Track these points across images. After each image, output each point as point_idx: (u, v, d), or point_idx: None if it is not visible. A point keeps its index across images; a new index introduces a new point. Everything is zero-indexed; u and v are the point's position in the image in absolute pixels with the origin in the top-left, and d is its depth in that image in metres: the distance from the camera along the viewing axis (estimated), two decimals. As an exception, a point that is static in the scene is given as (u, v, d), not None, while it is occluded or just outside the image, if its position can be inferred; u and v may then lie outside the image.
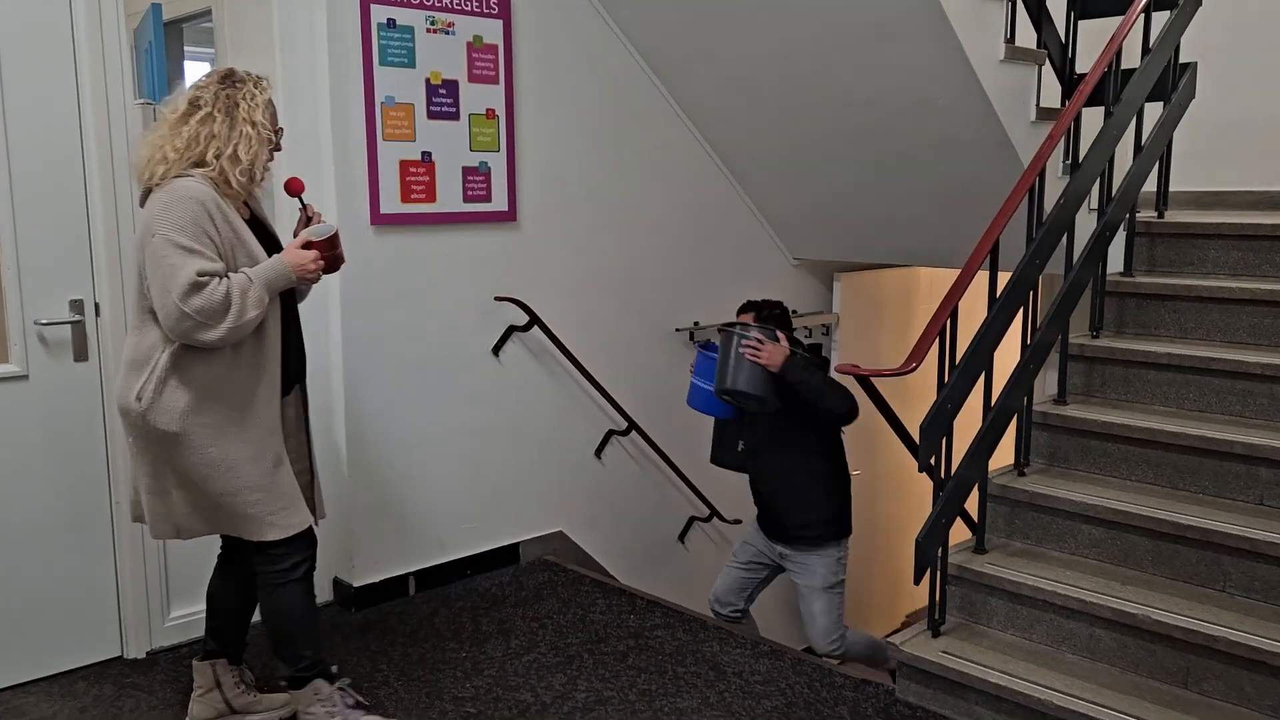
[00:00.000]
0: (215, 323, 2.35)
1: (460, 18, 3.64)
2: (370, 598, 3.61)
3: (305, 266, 2.54)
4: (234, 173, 2.44)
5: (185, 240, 2.34)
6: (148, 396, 2.40)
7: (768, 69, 3.96)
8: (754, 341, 3.39)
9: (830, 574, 3.59)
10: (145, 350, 2.44)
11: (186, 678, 3.06)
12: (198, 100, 2.47)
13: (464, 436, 3.86)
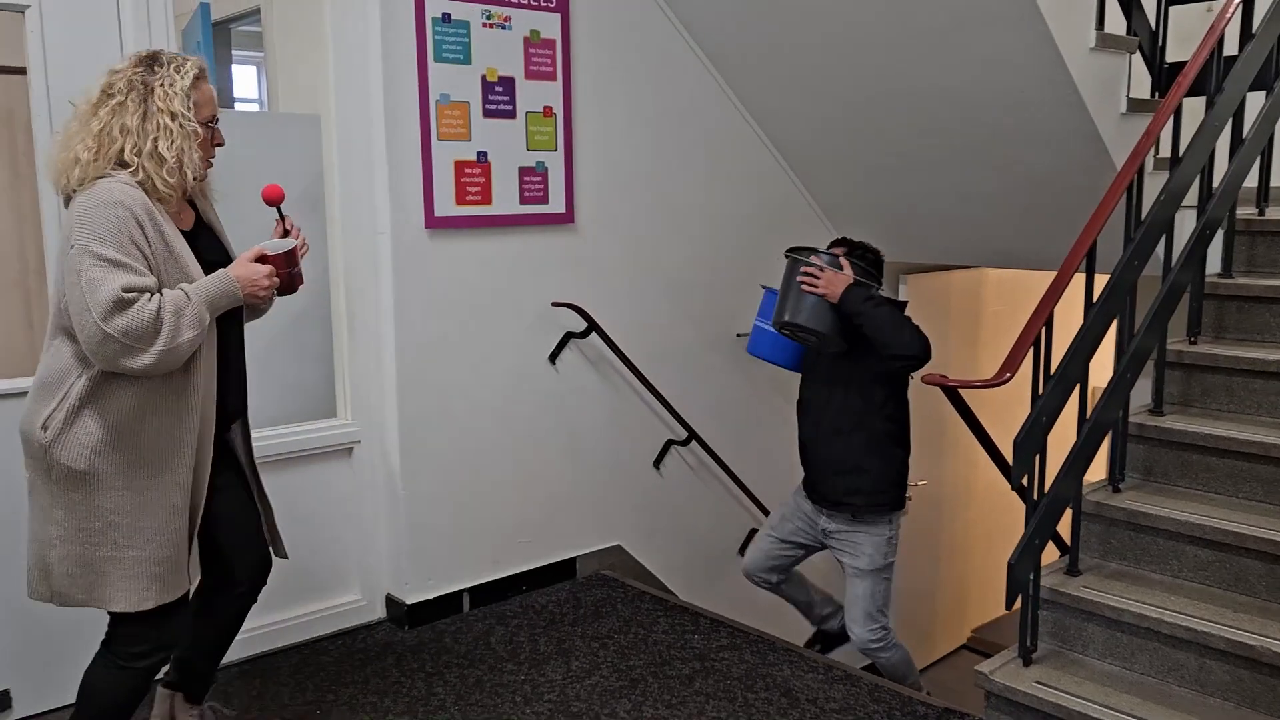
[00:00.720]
0: (143, 346, 2.04)
1: (517, 11, 3.50)
2: (424, 615, 3.48)
3: (256, 283, 2.25)
4: (159, 174, 2.13)
5: (109, 251, 2.03)
6: (55, 427, 2.11)
7: (835, 63, 3.78)
8: (813, 269, 3.08)
9: (880, 555, 3.27)
10: (57, 373, 2.14)
11: (240, 696, 2.99)
12: (110, 87, 2.16)
13: (519, 447, 3.71)
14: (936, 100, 3.65)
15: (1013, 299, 5.50)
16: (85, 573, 2.16)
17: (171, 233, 2.17)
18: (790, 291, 3.15)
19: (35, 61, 2.76)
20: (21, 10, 2.72)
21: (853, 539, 3.28)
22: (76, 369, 2.13)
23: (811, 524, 3.40)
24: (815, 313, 3.11)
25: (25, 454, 2.19)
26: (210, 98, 2.25)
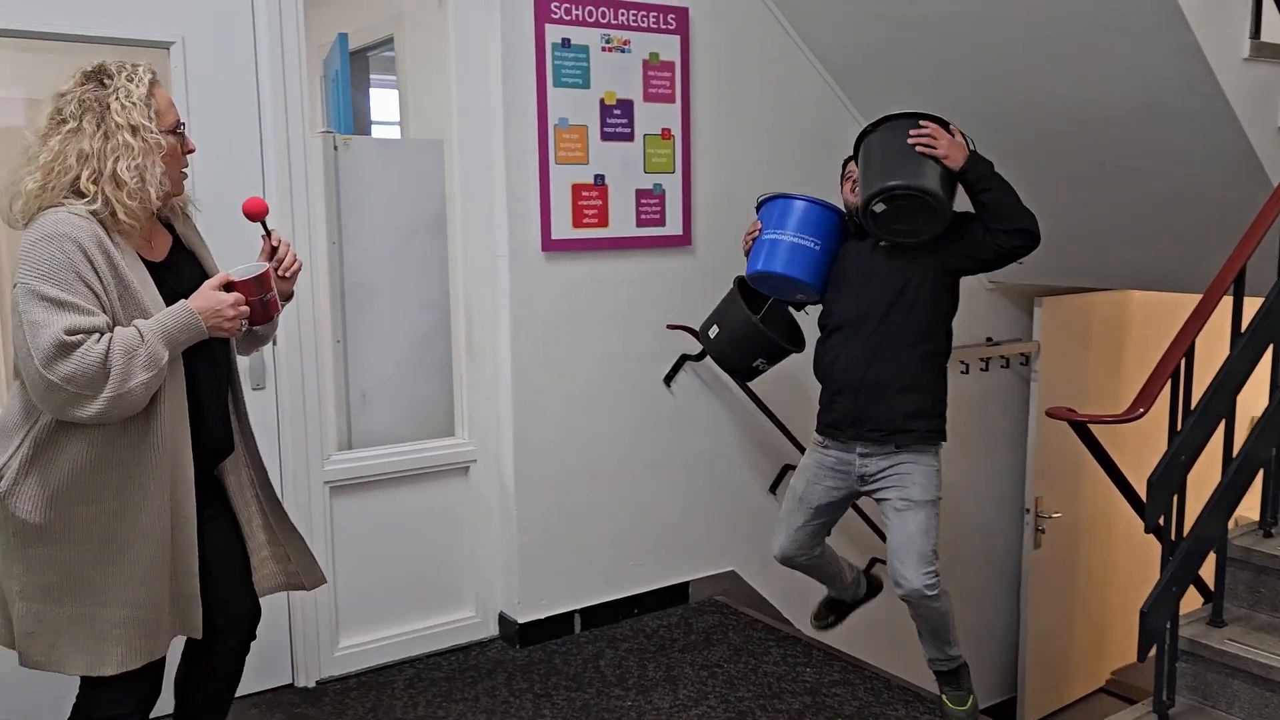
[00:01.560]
0: (92, 393, 1.85)
1: (636, 34, 3.51)
2: (535, 635, 3.50)
3: (220, 313, 2.01)
4: (121, 199, 1.93)
5: (52, 290, 1.84)
6: (9, 477, 1.93)
7: (963, 77, 3.65)
8: (931, 129, 2.68)
9: (932, 485, 2.89)
10: (15, 419, 1.97)
11: (353, 709, 3.04)
12: (60, 111, 1.95)
13: (633, 469, 3.70)
14: (1070, 114, 3.48)
15: (1161, 323, 5.19)
16: (45, 632, 1.98)
17: (128, 265, 1.96)
18: (900, 154, 2.68)
19: (178, 92, 2.90)
20: (166, 46, 2.87)
21: (900, 470, 2.87)
22: (30, 416, 1.95)
23: (845, 474, 2.96)
24: (933, 175, 2.65)
25: None
26: (169, 102, 2.06)
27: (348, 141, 3.45)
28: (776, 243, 2.90)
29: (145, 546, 2.00)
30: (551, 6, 3.32)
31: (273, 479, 3.09)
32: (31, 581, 1.97)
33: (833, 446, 2.96)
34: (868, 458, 2.88)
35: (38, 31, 2.72)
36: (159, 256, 2.08)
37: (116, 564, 1.99)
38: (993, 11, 3.29)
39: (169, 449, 2.01)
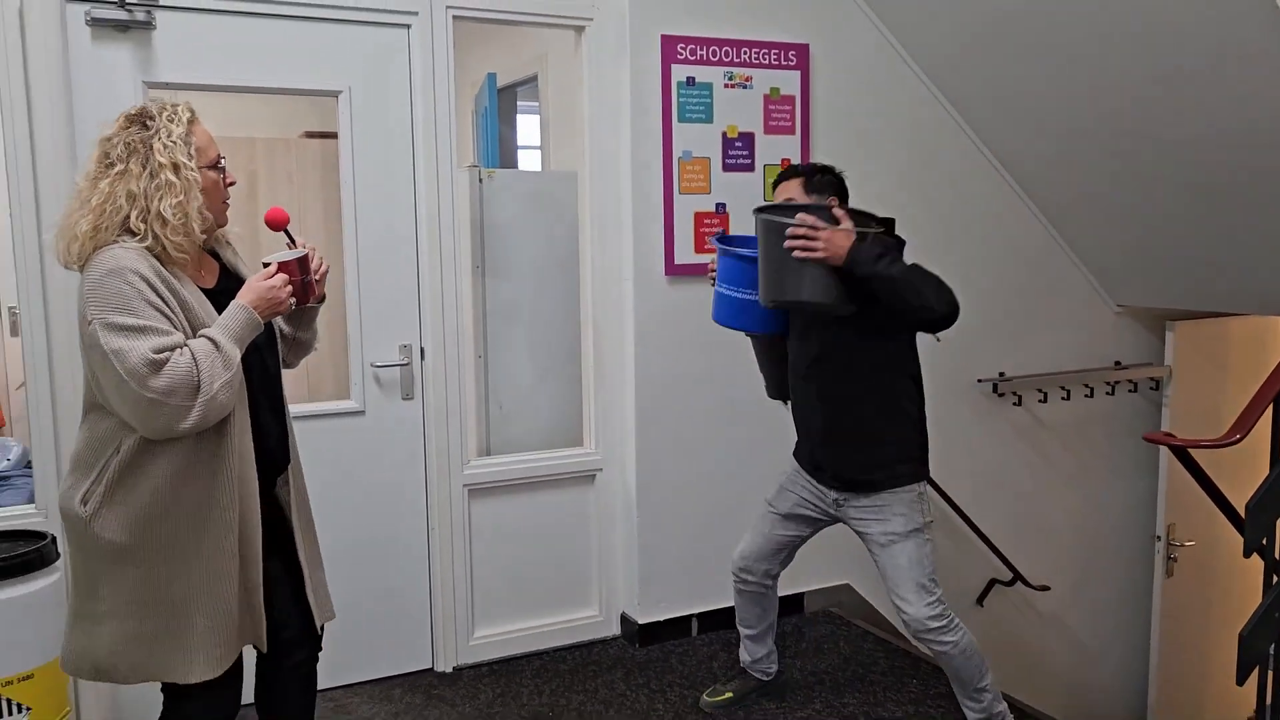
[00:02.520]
0: (189, 402, 1.93)
1: (758, 71, 3.71)
2: (654, 635, 3.72)
3: (273, 298, 2.10)
4: (167, 235, 2.00)
5: (127, 319, 1.92)
6: (94, 502, 2.02)
7: (1086, 110, 3.71)
8: (804, 230, 2.45)
9: (914, 513, 2.74)
10: (94, 448, 2.05)
11: (484, 694, 3.32)
12: (107, 155, 2.03)
13: (750, 482, 3.84)
14: (1198, 141, 3.48)
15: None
16: (135, 648, 2.08)
17: (188, 291, 2.06)
18: (778, 262, 2.52)
19: (344, 132, 3.29)
20: (336, 94, 3.25)
21: (877, 503, 2.77)
22: (112, 442, 2.03)
23: (819, 496, 2.90)
24: (818, 283, 2.49)
25: (65, 531, 2.12)
26: (209, 138, 2.13)
27: (491, 174, 3.79)
28: (719, 295, 2.87)
29: (220, 559, 2.09)
30: (678, 48, 3.56)
31: (417, 482, 3.45)
32: (120, 600, 2.06)
33: (809, 475, 2.95)
34: (841, 492, 2.86)
35: (236, 86, 3.15)
36: (210, 284, 2.17)
37: (195, 576, 2.07)
38: (1118, 40, 3.33)
39: (238, 461, 2.09)
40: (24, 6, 2.78)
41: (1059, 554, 4.58)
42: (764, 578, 3.09)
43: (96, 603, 2.08)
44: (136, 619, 2.07)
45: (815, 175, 2.77)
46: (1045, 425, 4.49)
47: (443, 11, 3.31)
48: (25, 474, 3.69)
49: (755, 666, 3.27)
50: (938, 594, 2.77)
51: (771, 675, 3.28)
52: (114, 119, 2.09)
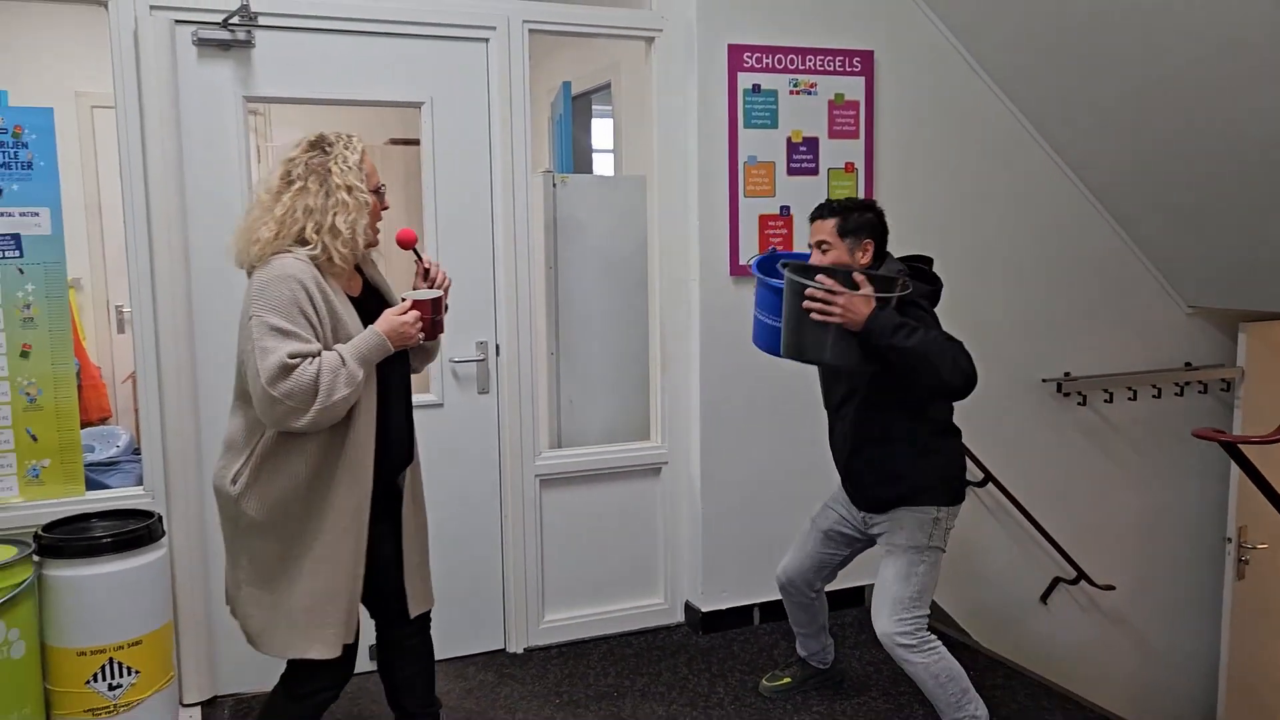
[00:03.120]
0: (304, 408, 2.18)
1: (822, 77, 3.81)
2: (716, 623, 3.85)
3: (404, 333, 2.34)
4: (336, 247, 2.28)
5: (280, 322, 2.19)
6: (243, 481, 2.30)
7: (1151, 108, 3.73)
8: (823, 294, 2.52)
9: (922, 533, 2.80)
10: (243, 433, 2.33)
11: (554, 674, 3.49)
12: (289, 174, 2.32)
13: (811, 477, 3.96)
14: (1268, 141, 3.49)
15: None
16: (262, 615, 2.35)
17: (339, 301, 2.32)
18: (798, 320, 2.60)
19: (426, 141, 3.48)
20: (419, 105, 3.45)
21: (894, 516, 2.87)
22: (259, 429, 2.29)
23: (853, 512, 3.03)
24: (837, 346, 2.57)
25: (218, 505, 2.40)
26: (374, 168, 2.41)
27: (564, 179, 3.96)
28: (758, 321, 2.92)
29: (336, 545, 2.33)
30: (744, 57, 3.68)
31: (491, 471, 3.63)
32: (255, 572, 2.35)
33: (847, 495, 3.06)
34: (871, 514, 2.97)
35: (328, 99, 3.37)
36: (355, 294, 2.43)
37: (315, 559, 2.32)
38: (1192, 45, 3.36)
39: (358, 459, 2.33)
40: (139, 29, 3.03)
41: (1125, 554, 4.58)
42: (807, 590, 3.19)
43: (239, 570, 2.39)
44: (267, 590, 2.34)
45: (852, 215, 2.82)
46: (1112, 425, 4.50)
47: (519, 26, 3.48)
48: (133, 459, 3.98)
49: (813, 658, 3.38)
50: (915, 614, 2.82)
51: (828, 665, 3.39)
52: (294, 142, 2.38)
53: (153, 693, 2.94)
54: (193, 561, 3.20)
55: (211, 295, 3.20)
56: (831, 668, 3.40)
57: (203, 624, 3.24)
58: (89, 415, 4.65)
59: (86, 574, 2.82)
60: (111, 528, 2.95)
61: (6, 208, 2.95)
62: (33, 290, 3.01)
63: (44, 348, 3.04)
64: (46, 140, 2.99)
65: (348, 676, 2.47)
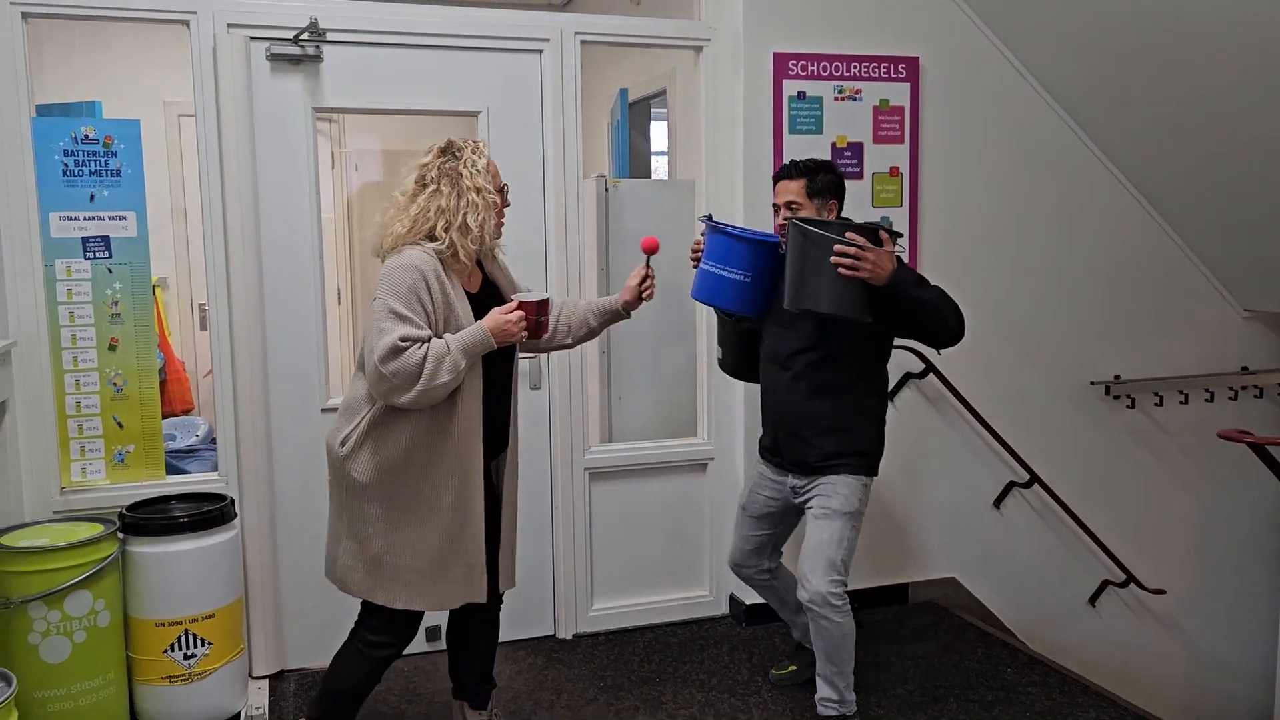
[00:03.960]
0: (408, 386, 2.40)
1: (867, 84, 3.90)
2: (759, 616, 3.94)
3: (506, 330, 2.52)
4: (464, 243, 2.52)
5: (399, 306, 2.42)
6: (350, 445, 2.53)
7: (1201, 112, 3.74)
8: (854, 250, 2.62)
9: (855, 498, 2.94)
10: (357, 401, 2.57)
11: (600, 660, 3.63)
12: (423, 178, 2.56)
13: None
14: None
15: None
16: (357, 567, 2.59)
17: (456, 295, 2.55)
18: (814, 271, 2.69)
19: (483, 149, 3.66)
20: (475, 114, 3.63)
21: (825, 481, 2.97)
22: (370, 400, 2.53)
23: (779, 487, 3.11)
24: (852, 299, 2.68)
25: (328, 462, 2.64)
26: (497, 170, 2.64)
27: (616, 183, 4.11)
28: (706, 273, 3.05)
29: (435, 514, 2.56)
30: (789, 64, 3.79)
31: (543, 464, 3.79)
32: (355, 529, 2.59)
33: (770, 465, 3.17)
34: (799, 476, 3.06)
35: (390, 109, 3.58)
36: (474, 289, 2.66)
37: (413, 524, 2.56)
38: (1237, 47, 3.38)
39: (463, 437, 2.56)
40: (217, 45, 3.26)
41: (1177, 558, 4.56)
42: (760, 571, 3.31)
43: (340, 525, 2.63)
44: (363, 545, 2.58)
45: (818, 175, 2.96)
46: (1162, 429, 4.49)
47: (572, 37, 3.64)
48: (211, 448, 4.25)
49: (807, 639, 3.40)
50: (843, 577, 2.94)
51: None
52: (426, 149, 2.61)
53: (224, 663, 3.16)
54: (262, 542, 3.42)
55: (283, 294, 3.42)
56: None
57: (271, 601, 3.46)
58: (173, 407, 4.95)
59: (166, 551, 3.05)
60: (189, 509, 3.17)
61: (97, 212, 3.21)
62: (120, 288, 3.26)
63: (130, 342, 3.29)
64: (134, 149, 3.24)
65: (409, 638, 2.70)
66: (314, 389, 3.50)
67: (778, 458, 3.11)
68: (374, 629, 2.65)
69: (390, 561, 2.57)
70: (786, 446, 3.06)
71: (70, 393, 3.25)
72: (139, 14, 3.25)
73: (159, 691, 3.09)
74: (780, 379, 3.05)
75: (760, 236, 3.05)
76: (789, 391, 3.01)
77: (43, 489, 3.22)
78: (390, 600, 2.59)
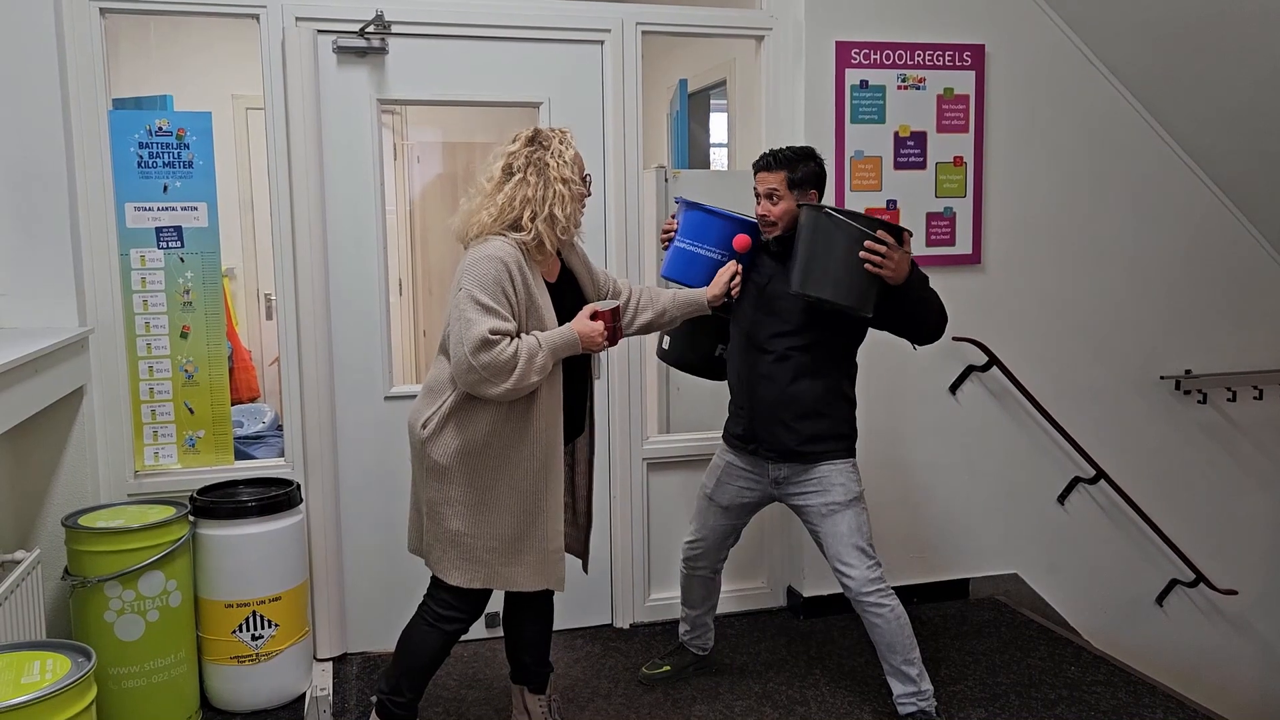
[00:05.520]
0: (498, 381, 2.43)
1: (931, 72, 3.85)
2: (817, 608, 3.93)
3: (593, 339, 2.57)
4: (551, 233, 2.53)
5: (485, 298, 2.44)
6: (431, 428, 2.56)
7: (1275, 94, 3.62)
8: (884, 249, 2.68)
9: (851, 482, 2.94)
10: (440, 383, 2.60)
11: (657, 649, 3.64)
12: (510, 166, 2.56)
13: (918, 470, 4.03)
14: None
15: None
16: (435, 543, 2.63)
17: (537, 286, 2.57)
18: (828, 258, 2.73)
19: (544, 141, 3.68)
20: (537, 105, 3.65)
21: (816, 476, 2.96)
22: (451, 385, 2.56)
23: (758, 477, 3.07)
24: (868, 293, 2.74)
25: (410, 440, 2.67)
26: (582, 159, 2.64)
27: (676, 174, 4.10)
28: (680, 250, 3.06)
29: (513, 499, 2.60)
30: (851, 53, 3.75)
31: (601, 454, 3.80)
32: (434, 508, 2.62)
33: (743, 454, 3.10)
34: (780, 465, 3.01)
35: (454, 100, 3.61)
36: (553, 278, 2.68)
37: (491, 508, 2.60)
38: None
39: (544, 428, 2.59)
40: (285, 38, 3.32)
41: (1249, 558, 4.45)
42: (715, 564, 3.28)
43: (421, 502, 2.68)
44: (439, 522, 2.61)
45: (799, 166, 2.95)
46: (1235, 425, 4.37)
47: (633, 27, 3.64)
48: (277, 434, 4.34)
49: (694, 642, 3.44)
50: (876, 558, 2.93)
51: (708, 651, 3.46)
52: (511, 138, 2.62)
53: (290, 645, 3.23)
54: (327, 526, 3.49)
55: (348, 284, 3.48)
56: (709, 654, 3.46)
57: (335, 585, 3.52)
58: (240, 394, 5.06)
59: (234, 534, 3.13)
60: (256, 493, 3.25)
61: (170, 202, 3.29)
62: (191, 277, 3.34)
63: (200, 329, 3.37)
64: (205, 141, 3.31)
65: (478, 613, 2.73)
66: (378, 378, 3.55)
67: (753, 445, 3.05)
68: (443, 603, 2.69)
69: (468, 543, 2.60)
70: (765, 432, 3.00)
71: (144, 379, 3.34)
72: (212, 8, 3.32)
73: (228, 671, 3.17)
74: (759, 362, 3.00)
75: (739, 216, 3.04)
76: (770, 375, 2.98)
77: (118, 472, 3.32)
78: (467, 580, 2.62)
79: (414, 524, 2.76)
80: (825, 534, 2.96)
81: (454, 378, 2.52)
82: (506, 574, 2.65)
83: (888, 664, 3.02)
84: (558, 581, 2.71)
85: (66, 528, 2.96)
